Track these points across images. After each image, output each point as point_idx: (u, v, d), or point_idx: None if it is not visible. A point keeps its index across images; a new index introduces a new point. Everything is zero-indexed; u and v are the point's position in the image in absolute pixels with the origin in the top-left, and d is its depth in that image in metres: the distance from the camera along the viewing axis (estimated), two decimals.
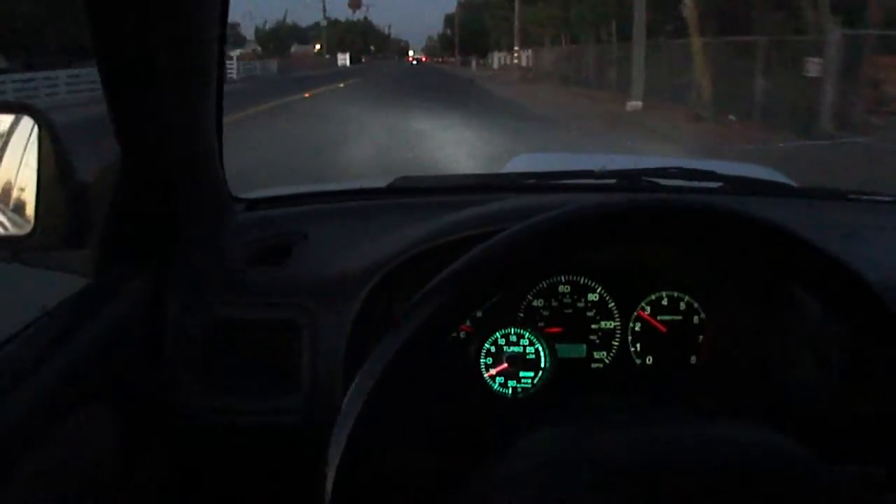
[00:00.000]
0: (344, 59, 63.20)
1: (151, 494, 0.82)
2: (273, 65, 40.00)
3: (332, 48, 66.03)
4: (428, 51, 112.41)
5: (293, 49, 66.56)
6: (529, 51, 30.90)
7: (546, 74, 25.06)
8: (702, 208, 0.55)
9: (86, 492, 0.70)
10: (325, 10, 67.04)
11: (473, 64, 52.13)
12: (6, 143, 0.80)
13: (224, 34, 0.80)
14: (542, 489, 0.50)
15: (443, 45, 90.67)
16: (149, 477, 0.81)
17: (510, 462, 0.54)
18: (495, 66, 46.33)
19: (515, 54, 29.58)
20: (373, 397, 0.50)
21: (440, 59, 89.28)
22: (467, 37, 63.12)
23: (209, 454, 0.86)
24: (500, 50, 49.63)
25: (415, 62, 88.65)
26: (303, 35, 76.84)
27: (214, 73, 0.81)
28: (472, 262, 0.53)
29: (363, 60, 74.99)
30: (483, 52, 57.63)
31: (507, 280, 0.53)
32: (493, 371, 0.89)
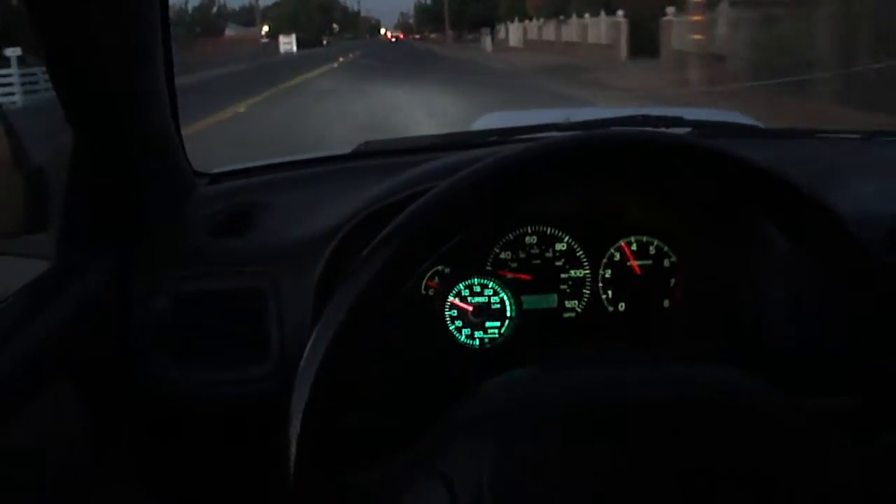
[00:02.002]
0: (288, 43, 47.57)
1: (126, 471, 0.88)
2: None
3: (284, 28, 54.80)
4: (400, 28, 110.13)
5: (227, 32, 55.45)
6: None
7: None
8: (656, 140, 0.58)
9: (59, 470, 0.76)
10: None
11: (488, 41, 33.07)
12: None
13: (167, 8, 0.85)
14: (505, 429, 0.54)
15: (422, 19, 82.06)
16: (122, 453, 0.87)
17: (472, 404, 0.58)
18: (514, 42, 32.11)
19: (694, 17, 11.69)
20: (328, 355, 0.53)
21: (420, 37, 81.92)
22: (457, 6, 52.84)
23: (182, 427, 0.94)
24: (520, 19, 33.06)
25: (394, 40, 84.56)
26: (249, 15, 67.94)
27: (159, 47, 0.87)
28: (417, 211, 0.55)
29: (325, 43, 63.31)
30: (480, 25, 45.34)
31: (458, 223, 0.56)
32: (458, 303, 0.97)
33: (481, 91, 11.67)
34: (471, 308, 0.97)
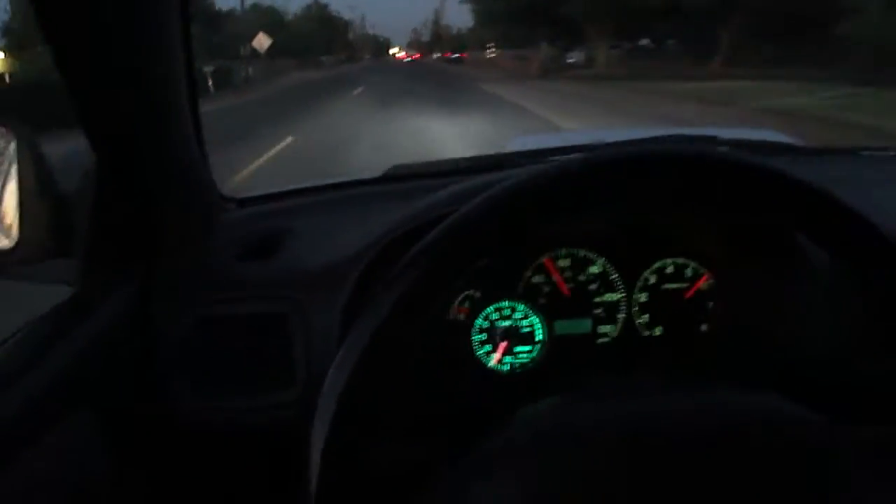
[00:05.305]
0: None
1: (145, 498, 0.93)
2: None
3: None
4: (414, 47, 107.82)
5: None
6: None
7: None
8: (694, 156, 0.61)
9: (77, 497, 0.81)
10: None
11: None
12: None
13: (188, 32, 0.93)
14: (540, 460, 0.57)
15: (482, 30, 52.35)
16: (142, 480, 0.93)
17: (505, 434, 0.61)
18: None
19: None
20: (352, 380, 0.56)
21: (458, 56, 65.32)
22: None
23: (204, 455, 1.01)
24: None
25: (408, 59, 75.71)
26: None
27: (182, 67, 0.95)
28: (443, 232, 0.59)
29: (250, 73, 34.05)
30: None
31: (487, 244, 0.59)
32: (495, 355, 1.07)
33: None
34: (505, 343, 1.07)
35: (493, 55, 44.69)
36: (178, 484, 1.10)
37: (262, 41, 32.80)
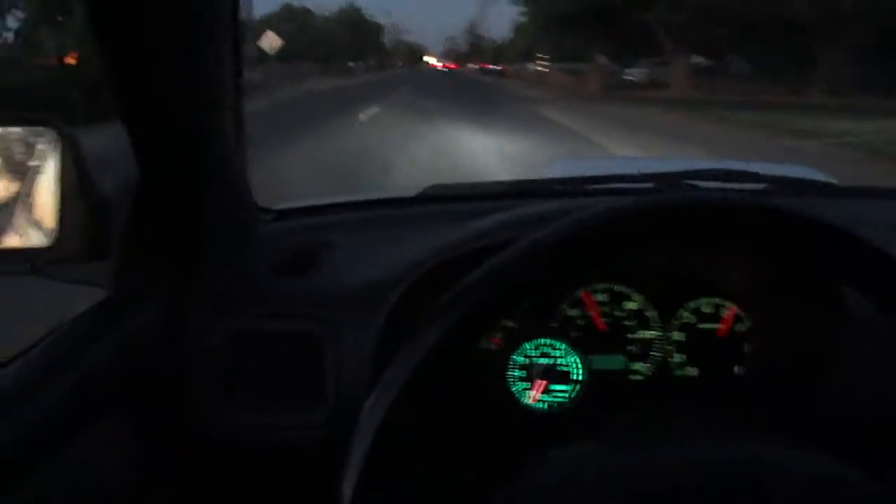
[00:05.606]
0: None
1: None
2: None
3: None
4: (450, 56, 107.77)
5: None
6: None
7: None
8: (739, 205, 0.63)
9: None
10: None
11: None
12: (27, 156, 0.94)
13: (238, 42, 0.92)
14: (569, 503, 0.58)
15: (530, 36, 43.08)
16: (167, 493, 0.93)
17: (537, 474, 0.61)
18: None
19: None
20: (391, 411, 0.57)
21: (499, 69, 60.22)
22: None
23: (230, 470, 1.02)
24: None
25: (446, 70, 72.16)
26: None
27: (230, 82, 0.94)
28: (494, 269, 0.60)
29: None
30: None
31: (534, 285, 0.61)
32: (532, 394, 1.06)
33: None
34: (545, 382, 1.05)
35: (543, 69, 37.48)
36: (202, 496, 1.09)
37: (271, 41, 27.39)
